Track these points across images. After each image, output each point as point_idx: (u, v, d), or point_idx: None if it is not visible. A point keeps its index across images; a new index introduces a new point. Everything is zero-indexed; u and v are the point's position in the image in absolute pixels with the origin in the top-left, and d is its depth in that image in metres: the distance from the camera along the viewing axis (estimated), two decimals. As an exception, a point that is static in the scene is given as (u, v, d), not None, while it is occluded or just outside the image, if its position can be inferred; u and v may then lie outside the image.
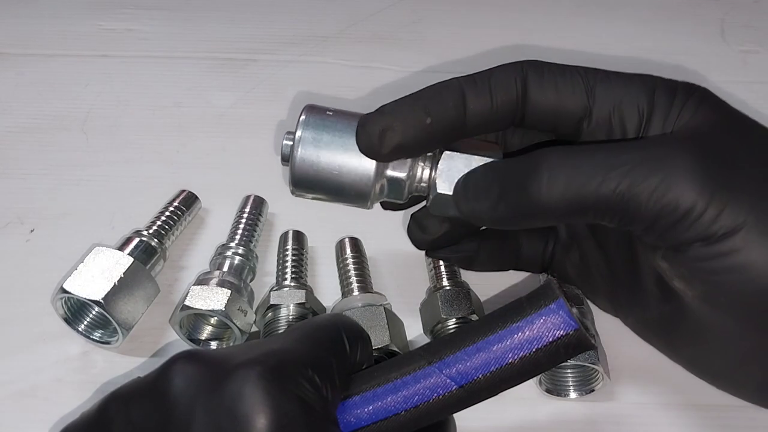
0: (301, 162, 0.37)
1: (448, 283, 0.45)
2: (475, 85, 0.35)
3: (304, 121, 0.37)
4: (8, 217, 0.51)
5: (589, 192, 0.32)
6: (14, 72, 0.62)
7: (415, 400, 0.32)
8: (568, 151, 0.33)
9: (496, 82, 0.35)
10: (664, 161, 0.31)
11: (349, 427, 0.33)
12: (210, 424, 0.29)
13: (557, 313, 0.31)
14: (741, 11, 0.69)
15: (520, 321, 0.32)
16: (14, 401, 0.42)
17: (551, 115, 0.35)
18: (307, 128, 0.37)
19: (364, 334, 0.36)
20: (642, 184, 0.31)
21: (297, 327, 0.35)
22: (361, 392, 0.33)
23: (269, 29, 0.66)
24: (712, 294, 0.32)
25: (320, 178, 0.37)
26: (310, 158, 0.37)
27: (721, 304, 0.32)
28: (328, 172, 0.37)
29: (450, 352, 0.32)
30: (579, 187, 0.32)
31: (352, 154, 0.36)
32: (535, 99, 0.35)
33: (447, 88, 0.35)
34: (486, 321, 0.33)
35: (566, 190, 0.32)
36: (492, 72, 0.36)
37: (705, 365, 0.36)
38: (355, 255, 0.48)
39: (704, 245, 0.31)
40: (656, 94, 0.34)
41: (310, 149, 0.37)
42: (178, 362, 0.31)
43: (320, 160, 0.37)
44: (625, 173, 0.31)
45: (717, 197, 0.31)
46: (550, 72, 0.35)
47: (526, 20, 0.68)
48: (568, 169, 0.32)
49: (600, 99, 0.35)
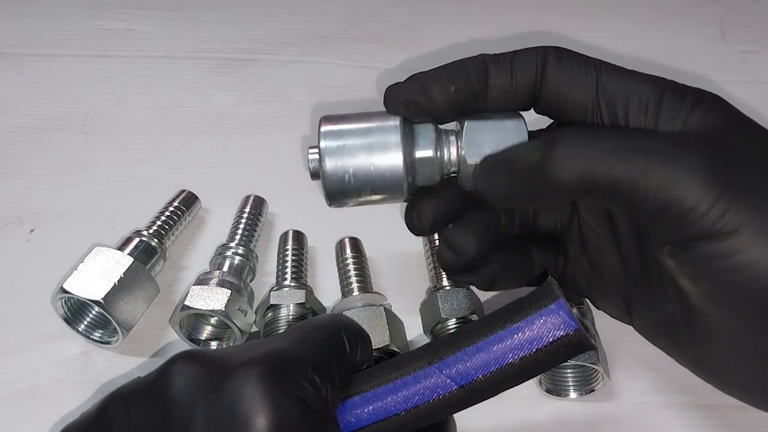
0: (331, 173, 0.37)
1: (448, 283, 0.45)
2: (498, 62, 0.37)
3: (324, 133, 0.37)
4: (8, 217, 0.51)
5: (602, 171, 0.32)
6: (14, 72, 0.62)
7: (415, 400, 0.32)
8: (586, 130, 0.34)
9: (518, 61, 0.37)
10: (676, 156, 0.32)
11: (349, 427, 0.33)
12: (210, 424, 0.29)
13: (557, 314, 0.31)
14: (741, 11, 0.69)
15: (520, 321, 0.32)
16: (14, 401, 0.42)
17: (561, 102, 0.36)
18: (328, 138, 0.37)
19: (364, 334, 0.36)
20: (653, 173, 0.32)
21: (297, 327, 0.35)
22: (361, 392, 0.33)
23: (269, 29, 0.66)
24: (716, 293, 0.32)
25: (353, 184, 0.37)
26: (338, 167, 0.37)
27: (725, 303, 0.32)
28: (359, 176, 0.37)
29: (450, 353, 0.32)
30: (593, 164, 0.32)
31: (378, 153, 0.37)
32: (549, 83, 0.36)
33: (472, 62, 0.38)
34: (486, 321, 0.33)
35: (580, 166, 0.33)
36: (516, 52, 0.37)
37: (711, 367, 0.36)
38: (355, 255, 0.48)
39: (709, 243, 0.31)
40: (665, 94, 0.34)
41: (336, 158, 0.37)
42: (178, 362, 0.31)
43: (349, 166, 0.37)
44: (639, 158, 0.32)
45: (724, 196, 0.31)
46: (568, 59, 0.36)
47: (526, 20, 0.68)
48: (584, 147, 0.33)
49: (609, 92, 0.35)
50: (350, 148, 0.37)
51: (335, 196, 0.38)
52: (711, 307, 0.33)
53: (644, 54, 0.63)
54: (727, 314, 0.32)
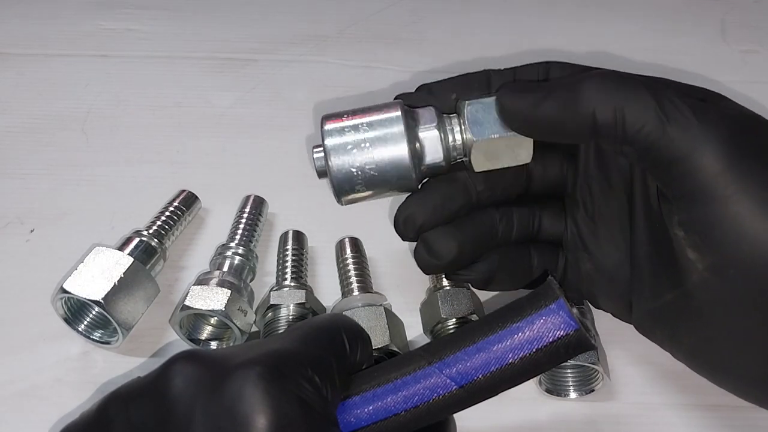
0: (338, 170, 0.37)
1: (448, 283, 0.45)
2: (501, 73, 0.40)
3: (327, 131, 0.38)
4: (8, 217, 0.51)
5: (634, 112, 0.34)
6: (14, 72, 0.62)
7: (415, 400, 0.32)
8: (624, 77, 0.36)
9: (521, 72, 0.39)
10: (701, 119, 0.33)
11: (349, 427, 0.33)
12: (209, 424, 0.29)
13: (557, 314, 0.31)
14: (741, 11, 0.69)
15: (520, 321, 0.32)
16: (14, 401, 0.42)
17: None
18: (331, 136, 0.38)
19: (364, 334, 0.36)
20: (678, 128, 0.33)
21: (297, 327, 0.35)
22: (362, 392, 0.33)
23: (269, 29, 0.66)
24: (721, 265, 0.33)
25: (361, 178, 0.38)
26: (345, 163, 0.37)
27: (729, 276, 0.33)
28: (367, 170, 0.37)
29: (450, 353, 0.32)
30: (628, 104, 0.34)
31: (383, 144, 0.37)
32: None
33: (475, 74, 0.40)
34: (486, 321, 0.33)
35: (615, 101, 0.34)
36: (519, 66, 0.40)
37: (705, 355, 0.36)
38: (355, 255, 0.48)
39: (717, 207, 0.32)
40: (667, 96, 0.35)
41: (342, 155, 0.37)
42: (178, 362, 0.31)
43: (356, 161, 0.37)
44: (664, 106, 0.34)
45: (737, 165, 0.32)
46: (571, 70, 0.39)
47: (526, 20, 0.68)
48: (615, 80, 0.35)
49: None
50: (355, 144, 0.37)
51: (344, 193, 0.38)
52: (714, 282, 0.33)
53: (644, 54, 0.63)
54: (729, 288, 0.33)
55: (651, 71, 0.37)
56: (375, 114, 0.38)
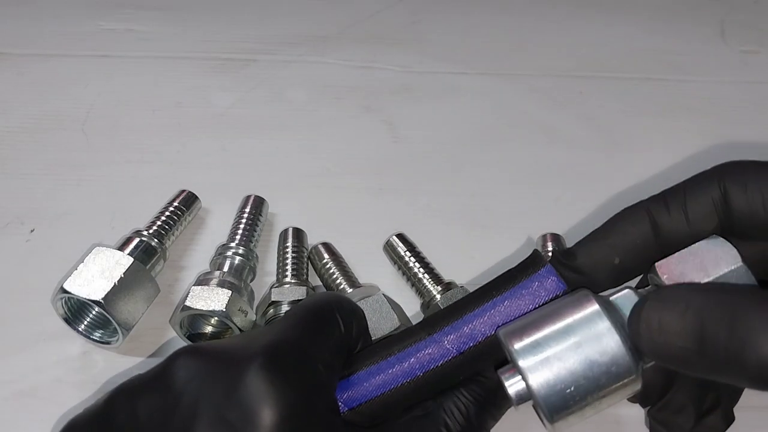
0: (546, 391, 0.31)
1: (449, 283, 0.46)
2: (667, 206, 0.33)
3: (518, 350, 0.32)
4: (8, 217, 0.51)
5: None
6: (14, 72, 0.62)
7: (417, 369, 0.33)
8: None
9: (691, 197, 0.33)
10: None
11: (355, 401, 0.33)
12: (214, 416, 0.29)
13: (548, 277, 0.33)
14: (741, 11, 0.69)
15: (513, 287, 0.34)
16: (14, 401, 0.42)
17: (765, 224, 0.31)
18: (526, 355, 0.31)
19: (358, 310, 0.37)
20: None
21: (292, 313, 0.35)
22: (366, 367, 0.34)
23: (269, 29, 0.66)
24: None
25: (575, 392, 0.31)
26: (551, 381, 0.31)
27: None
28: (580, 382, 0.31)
29: (448, 323, 0.34)
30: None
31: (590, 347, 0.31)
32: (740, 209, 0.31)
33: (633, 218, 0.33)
34: (481, 290, 0.35)
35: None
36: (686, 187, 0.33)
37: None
38: (332, 258, 0.48)
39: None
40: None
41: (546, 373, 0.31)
42: (181, 356, 0.32)
43: (563, 376, 0.31)
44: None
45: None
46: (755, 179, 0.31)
47: (526, 20, 0.68)
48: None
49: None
50: (557, 356, 0.31)
51: (558, 414, 0.31)
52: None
53: (644, 54, 0.63)
54: None
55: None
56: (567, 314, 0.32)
